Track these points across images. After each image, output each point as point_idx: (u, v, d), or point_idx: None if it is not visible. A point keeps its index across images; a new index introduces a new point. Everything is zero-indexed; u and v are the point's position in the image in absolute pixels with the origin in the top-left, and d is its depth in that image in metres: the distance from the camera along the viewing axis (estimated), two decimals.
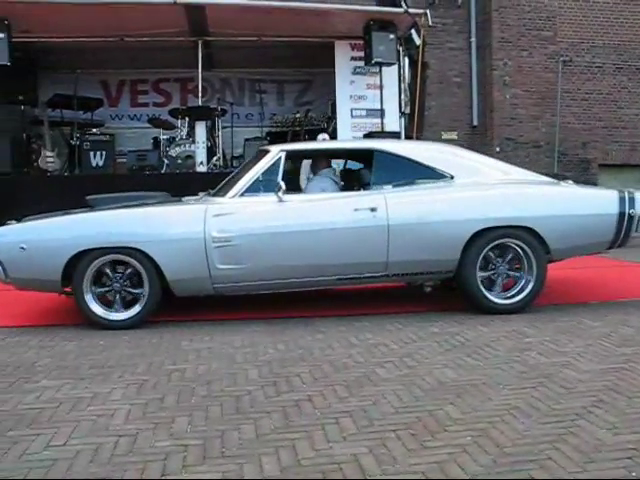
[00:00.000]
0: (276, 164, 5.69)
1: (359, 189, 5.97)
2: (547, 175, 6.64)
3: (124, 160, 10.75)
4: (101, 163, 10.37)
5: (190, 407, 3.55)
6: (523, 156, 14.15)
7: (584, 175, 14.14)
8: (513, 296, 5.70)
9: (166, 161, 10.20)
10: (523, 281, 5.71)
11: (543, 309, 5.81)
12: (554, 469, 2.70)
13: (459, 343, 4.75)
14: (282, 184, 5.51)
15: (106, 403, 3.65)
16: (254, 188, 5.66)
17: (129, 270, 5.45)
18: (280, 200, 5.52)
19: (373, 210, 5.51)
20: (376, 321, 5.46)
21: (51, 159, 10.25)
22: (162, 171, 10.14)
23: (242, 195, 5.62)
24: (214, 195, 5.86)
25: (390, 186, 5.73)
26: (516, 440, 3.00)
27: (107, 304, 5.50)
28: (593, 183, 13.20)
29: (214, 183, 6.23)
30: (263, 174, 5.70)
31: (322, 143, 8.28)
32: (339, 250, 5.50)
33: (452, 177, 5.80)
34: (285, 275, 5.54)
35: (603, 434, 3.03)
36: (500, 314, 5.56)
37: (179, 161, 10.12)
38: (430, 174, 5.81)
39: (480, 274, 5.62)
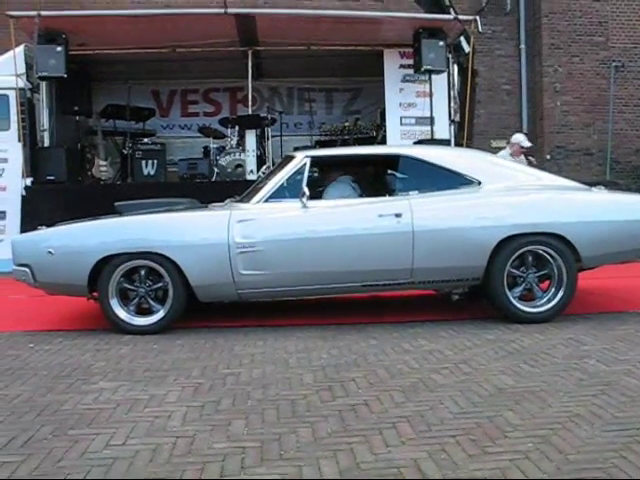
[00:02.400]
0: (301, 170, 5.68)
1: (385, 195, 5.90)
2: (598, 183, 6.54)
3: (175, 169, 10.88)
4: (152, 172, 10.51)
5: (246, 410, 3.56)
6: (574, 164, 13.95)
7: (637, 183, 13.86)
8: (543, 304, 5.56)
9: (216, 170, 10.30)
10: (553, 289, 5.56)
11: (599, 317, 5.68)
12: (622, 477, 2.63)
13: (515, 350, 4.67)
14: (306, 190, 5.48)
15: (162, 405, 3.68)
16: (279, 194, 5.66)
17: (154, 275, 5.49)
18: (304, 206, 5.49)
19: (398, 216, 5.45)
20: (429, 328, 5.40)
21: (104, 168, 10.46)
22: (212, 179, 10.23)
23: (266, 201, 5.61)
24: (239, 201, 5.88)
25: (416, 192, 5.68)
26: (580, 447, 2.92)
27: (139, 311, 5.54)
28: None
29: None
30: (288, 180, 5.69)
31: (348, 149, 8.24)
32: (363, 256, 5.44)
33: (480, 183, 5.71)
34: (309, 281, 5.50)
35: None
36: (528, 323, 5.43)
37: (229, 170, 10.20)
38: (457, 180, 5.74)
39: (508, 282, 5.49)
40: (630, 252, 5.78)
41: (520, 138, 8.84)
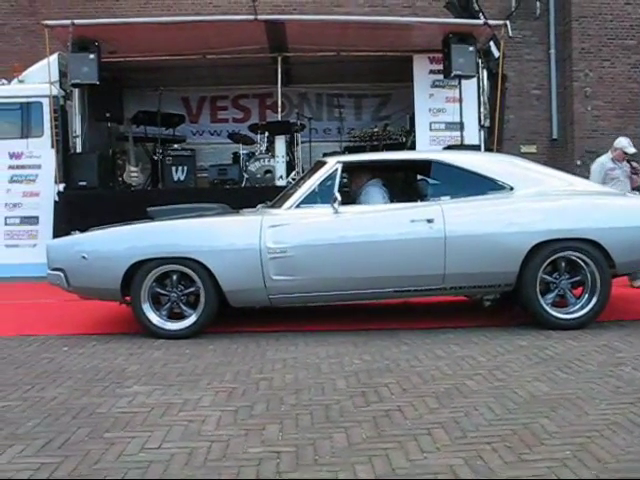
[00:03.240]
0: (332, 175, 5.68)
1: (416, 200, 5.87)
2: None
3: (205, 175, 10.94)
4: (182, 178, 10.58)
5: (280, 415, 3.57)
6: None
7: None
8: (576, 311, 5.50)
9: (246, 175, 10.34)
10: (586, 296, 5.50)
11: (633, 324, 5.63)
12: None
13: (548, 357, 4.62)
14: (338, 195, 5.48)
15: (196, 409, 3.70)
16: (310, 199, 5.67)
17: (186, 280, 5.52)
18: (336, 211, 5.49)
19: (430, 221, 5.43)
20: (461, 334, 5.37)
21: (135, 174, 10.54)
22: (242, 185, 10.27)
23: (298, 206, 5.62)
24: (271, 207, 5.90)
25: (448, 197, 5.66)
26: (619, 456, 2.88)
27: (171, 316, 5.58)
28: None
29: None
30: (319, 185, 5.70)
31: (379, 154, 8.21)
32: (395, 262, 5.43)
33: (512, 188, 5.68)
34: (340, 287, 5.49)
35: None
36: (561, 329, 5.37)
37: (258, 175, 10.22)
38: (489, 185, 5.71)
39: (541, 288, 5.44)
40: None
41: (624, 143, 8.11)
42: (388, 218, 5.61)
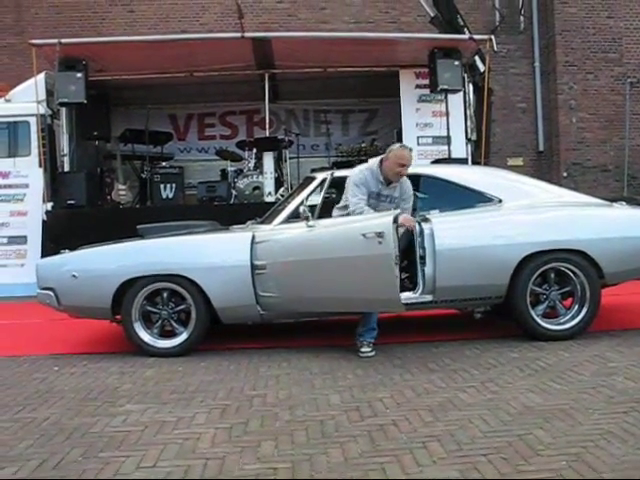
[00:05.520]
0: (322, 190, 5.69)
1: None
2: (618, 199, 6.51)
3: (193, 192, 10.92)
4: (171, 195, 10.59)
5: (275, 431, 3.56)
6: (591, 180, 13.89)
7: None
8: (566, 322, 5.52)
9: (234, 192, 10.34)
10: (576, 306, 5.52)
11: (624, 334, 5.64)
12: None
13: (540, 368, 4.64)
14: (307, 211, 5.37)
15: (191, 427, 3.69)
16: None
17: (177, 298, 5.50)
18: (312, 226, 5.33)
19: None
20: (453, 347, 5.38)
21: (123, 192, 10.54)
22: (231, 202, 10.27)
23: (288, 222, 5.63)
24: (261, 223, 5.91)
25: (437, 211, 5.67)
26: (614, 466, 2.90)
27: (162, 334, 5.55)
28: None
29: None
30: (309, 200, 5.69)
31: None
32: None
33: (500, 200, 5.71)
34: (325, 304, 5.39)
35: None
36: (552, 340, 5.38)
37: (247, 192, 10.23)
38: (478, 198, 5.74)
39: (530, 299, 5.46)
40: None
41: None
42: None
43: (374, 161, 5.58)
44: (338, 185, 6.23)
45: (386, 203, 5.45)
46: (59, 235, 8.89)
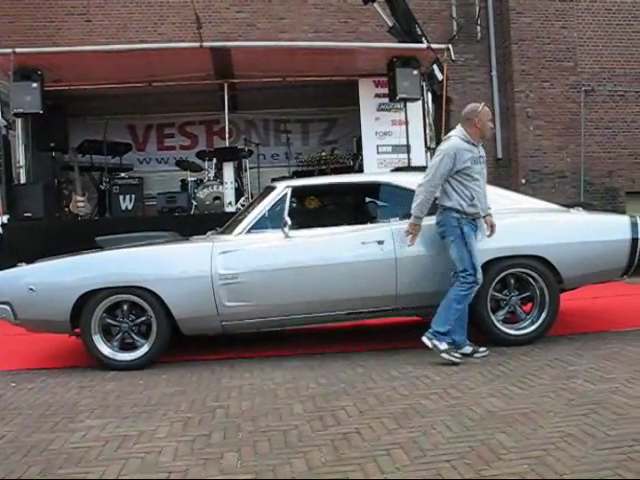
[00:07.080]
0: (282, 200, 5.69)
1: (366, 223, 5.90)
2: (575, 204, 6.62)
3: (153, 203, 10.82)
4: (130, 206, 10.48)
5: (238, 443, 3.52)
6: (549, 187, 14.09)
7: (611, 204, 14.05)
8: (526, 326, 5.58)
9: (194, 203, 10.27)
10: (536, 311, 5.59)
11: (583, 337, 5.73)
12: None
13: (502, 373, 4.68)
14: (288, 220, 5.47)
15: (153, 440, 3.64)
16: (261, 224, 5.65)
17: (137, 310, 5.44)
18: (287, 236, 5.47)
19: (380, 243, 5.47)
20: (415, 354, 5.38)
21: (82, 203, 10.38)
22: (191, 212, 10.20)
23: (249, 232, 5.61)
24: (221, 233, 5.88)
25: (397, 218, 5.69)
26: (574, 467, 2.93)
27: (122, 347, 5.48)
28: (621, 211, 13.07)
29: None
30: (270, 210, 5.70)
31: (328, 178, 8.29)
32: (347, 285, 5.44)
33: None
34: (293, 311, 5.48)
35: None
36: (513, 345, 5.43)
37: (207, 202, 10.16)
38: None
39: (490, 305, 5.50)
40: (610, 272, 5.82)
41: None
42: (339, 241, 5.63)
43: (458, 132, 5.48)
44: (299, 195, 6.26)
45: (483, 164, 5.44)
46: (16, 248, 8.70)
